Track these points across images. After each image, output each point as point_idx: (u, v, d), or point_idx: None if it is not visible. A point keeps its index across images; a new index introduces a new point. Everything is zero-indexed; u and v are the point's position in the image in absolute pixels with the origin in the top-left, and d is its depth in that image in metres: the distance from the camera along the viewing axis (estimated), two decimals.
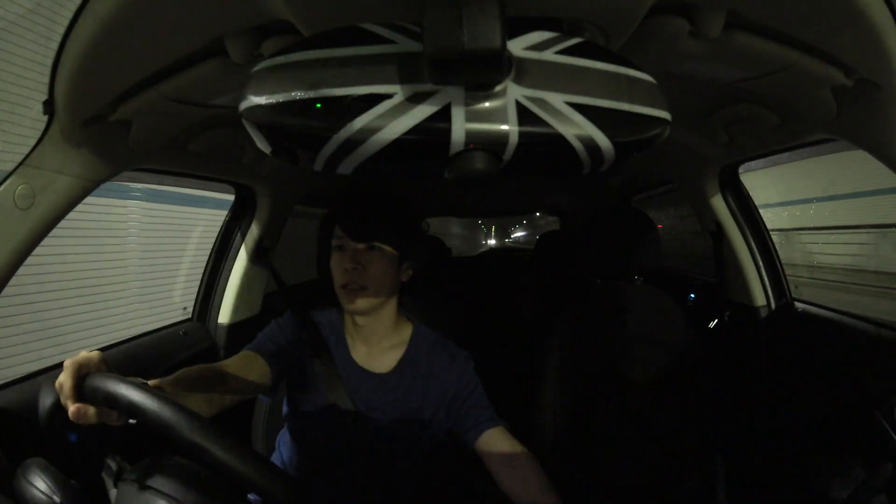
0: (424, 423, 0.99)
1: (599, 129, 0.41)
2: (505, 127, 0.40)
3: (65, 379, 0.55)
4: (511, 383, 1.70)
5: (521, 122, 0.40)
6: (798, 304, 1.35)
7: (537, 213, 5.53)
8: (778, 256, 1.42)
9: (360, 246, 0.92)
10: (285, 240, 1.63)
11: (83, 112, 0.71)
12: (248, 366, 0.91)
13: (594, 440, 1.28)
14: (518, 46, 0.42)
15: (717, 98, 0.96)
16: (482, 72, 0.38)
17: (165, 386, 0.72)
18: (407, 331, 1.04)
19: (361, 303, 0.92)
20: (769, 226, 1.44)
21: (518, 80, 0.41)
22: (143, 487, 0.54)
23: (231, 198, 1.47)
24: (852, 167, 3.97)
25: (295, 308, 1.04)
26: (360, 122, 0.39)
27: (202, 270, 1.47)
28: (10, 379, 0.87)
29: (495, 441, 0.96)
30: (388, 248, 0.92)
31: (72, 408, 0.54)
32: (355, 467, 0.95)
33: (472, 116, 0.40)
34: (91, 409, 0.55)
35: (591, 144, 0.42)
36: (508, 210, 3.79)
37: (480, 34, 0.35)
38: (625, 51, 0.54)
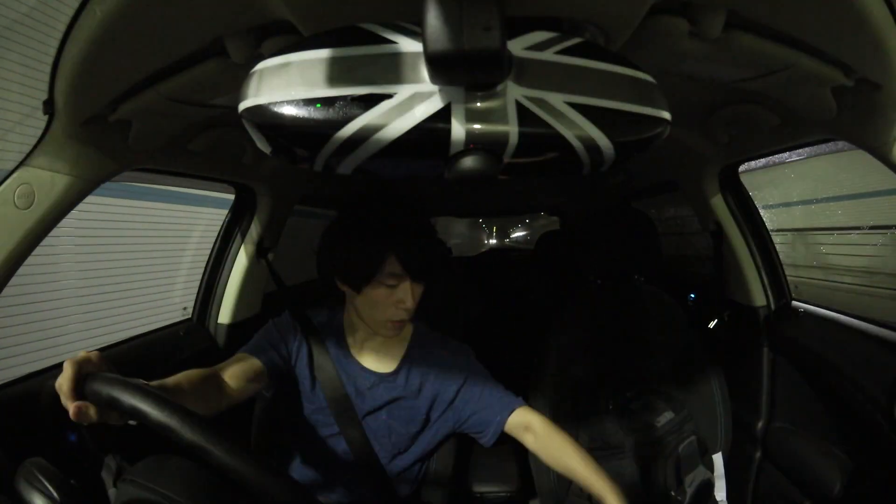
0: (426, 421, 0.99)
1: (599, 129, 0.41)
2: (505, 127, 0.40)
3: (65, 379, 0.55)
4: (511, 383, 1.69)
5: (521, 123, 0.40)
6: (798, 304, 1.35)
7: (538, 213, 5.52)
8: (778, 256, 1.42)
9: (418, 285, 0.90)
10: (286, 239, 1.62)
11: (83, 112, 0.71)
12: (242, 368, 0.90)
13: (594, 440, 1.28)
14: (518, 46, 0.42)
15: (717, 98, 0.96)
16: (482, 72, 0.38)
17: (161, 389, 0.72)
18: (407, 329, 1.04)
19: (403, 331, 0.95)
20: None
21: (518, 80, 0.41)
22: (143, 487, 0.54)
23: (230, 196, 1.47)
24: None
25: (293, 308, 1.04)
26: (360, 122, 0.39)
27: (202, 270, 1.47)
28: (10, 379, 0.87)
29: (528, 419, 0.95)
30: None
31: (72, 407, 0.54)
32: (356, 466, 0.95)
33: (472, 116, 0.40)
34: (91, 408, 0.55)
35: (591, 144, 0.42)
36: (508, 210, 3.79)
37: (480, 34, 0.35)
38: (625, 51, 0.54)
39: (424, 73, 0.39)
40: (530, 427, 0.94)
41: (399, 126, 0.39)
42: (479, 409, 0.98)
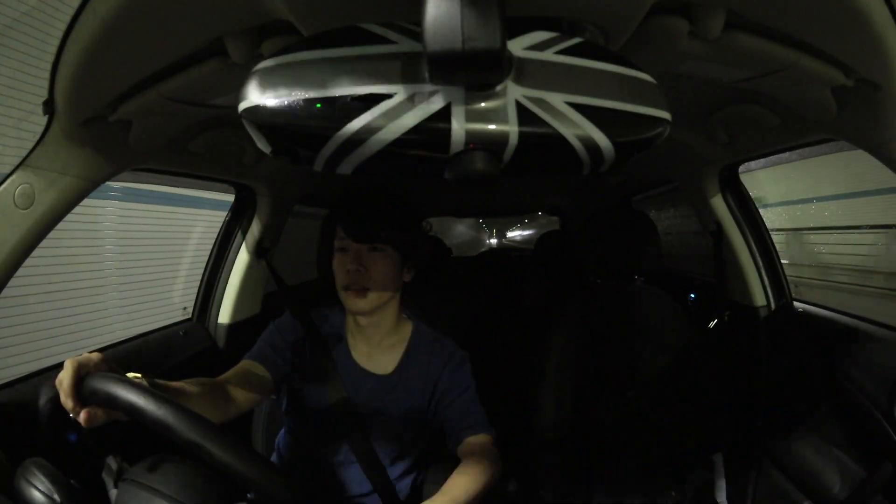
0: (424, 423, 0.99)
1: (599, 129, 0.41)
2: (505, 127, 0.40)
3: (65, 378, 0.55)
4: (511, 383, 1.69)
5: (521, 122, 0.40)
6: (798, 304, 1.35)
7: (538, 213, 5.53)
8: (778, 256, 1.42)
9: (363, 247, 0.91)
10: (285, 239, 1.63)
11: (83, 112, 0.71)
12: (249, 376, 0.90)
13: (594, 440, 1.28)
14: (518, 46, 0.42)
15: (717, 98, 0.96)
16: (482, 72, 0.38)
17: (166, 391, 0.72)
18: (407, 329, 1.03)
19: (364, 303, 0.92)
20: None
21: (518, 80, 0.41)
22: (143, 487, 0.54)
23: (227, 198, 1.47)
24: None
25: (294, 308, 1.04)
26: (360, 122, 0.39)
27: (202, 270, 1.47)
28: (10, 379, 0.87)
29: (472, 450, 0.92)
30: (390, 249, 0.92)
31: (82, 414, 0.54)
32: (356, 468, 0.95)
33: (472, 116, 0.40)
34: (100, 412, 0.55)
35: (591, 144, 0.41)
36: (509, 210, 3.80)
37: (480, 34, 0.35)
38: (625, 51, 0.54)
39: (424, 73, 0.39)
40: (473, 449, 0.91)
41: (399, 126, 0.39)
42: (447, 416, 0.97)
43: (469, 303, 2.60)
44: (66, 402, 0.55)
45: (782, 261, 1.42)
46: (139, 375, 0.62)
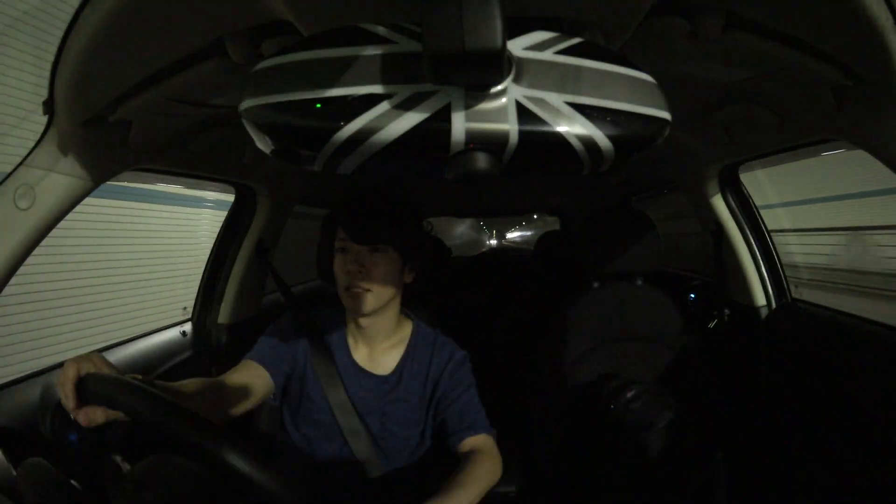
0: (424, 423, 0.99)
1: (599, 129, 0.41)
2: (505, 127, 0.40)
3: (65, 378, 0.55)
4: (511, 383, 1.69)
5: (521, 122, 0.40)
6: (798, 304, 1.35)
7: (538, 214, 5.52)
8: (778, 256, 1.42)
9: (363, 248, 0.91)
10: (286, 239, 1.63)
11: (83, 112, 0.71)
12: (249, 376, 0.90)
13: (594, 440, 1.28)
14: (518, 46, 0.42)
15: (717, 98, 0.96)
16: (482, 72, 0.38)
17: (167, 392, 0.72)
18: (407, 330, 1.03)
19: (364, 305, 0.92)
20: None
21: (518, 80, 0.41)
22: (143, 487, 0.54)
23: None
24: None
25: (294, 309, 1.04)
26: (360, 122, 0.39)
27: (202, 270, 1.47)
28: (10, 379, 0.87)
29: (472, 450, 0.91)
30: (391, 250, 0.92)
31: (81, 415, 0.54)
32: (356, 468, 0.95)
33: (472, 116, 0.40)
34: (100, 412, 0.55)
35: (591, 144, 0.41)
36: (509, 210, 3.80)
37: (480, 34, 0.35)
38: (625, 51, 0.54)
39: (424, 73, 0.39)
40: (474, 449, 0.90)
41: (399, 126, 0.39)
42: (448, 416, 0.96)
43: (469, 303, 2.60)
44: (66, 401, 0.55)
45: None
46: (139, 376, 0.62)
